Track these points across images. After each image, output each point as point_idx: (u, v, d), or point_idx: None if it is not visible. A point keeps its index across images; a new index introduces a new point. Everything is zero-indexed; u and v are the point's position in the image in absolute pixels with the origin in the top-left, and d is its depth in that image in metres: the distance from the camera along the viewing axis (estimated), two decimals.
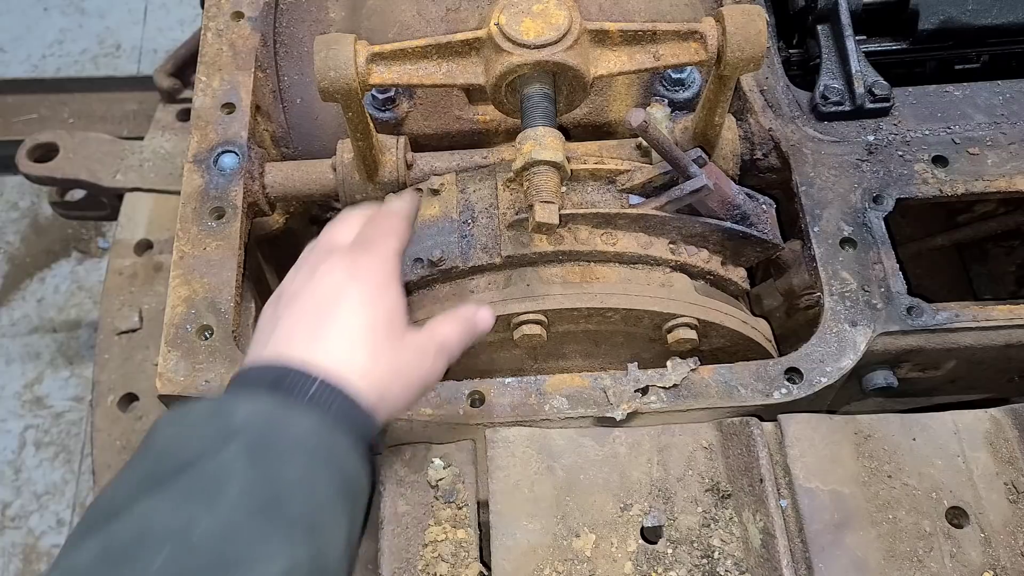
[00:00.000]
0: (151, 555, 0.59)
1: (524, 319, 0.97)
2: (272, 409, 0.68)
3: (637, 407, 0.94)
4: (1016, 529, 0.87)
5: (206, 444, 0.65)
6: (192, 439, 0.66)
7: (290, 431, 0.67)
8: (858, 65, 1.14)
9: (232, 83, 1.17)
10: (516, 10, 0.92)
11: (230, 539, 0.61)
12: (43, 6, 2.95)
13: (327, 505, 0.67)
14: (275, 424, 0.67)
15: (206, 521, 0.61)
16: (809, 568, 0.84)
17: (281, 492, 0.64)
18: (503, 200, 1.03)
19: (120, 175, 1.59)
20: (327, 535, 0.66)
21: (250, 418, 0.67)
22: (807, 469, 0.89)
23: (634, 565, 0.85)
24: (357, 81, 0.91)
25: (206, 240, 1.05)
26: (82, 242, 2.57)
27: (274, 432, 0.67)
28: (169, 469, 0.64)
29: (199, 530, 0.60)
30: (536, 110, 0.93)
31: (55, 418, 2.30)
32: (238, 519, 0.62)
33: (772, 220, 1.07)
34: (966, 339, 1.01)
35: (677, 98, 1.13)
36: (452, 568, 0.86)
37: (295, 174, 1.12)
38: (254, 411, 0.68)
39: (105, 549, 0.60)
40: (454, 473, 0.91)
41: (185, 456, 0.65)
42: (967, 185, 1.09)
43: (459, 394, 0.96)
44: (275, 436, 0.67)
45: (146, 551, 0.59)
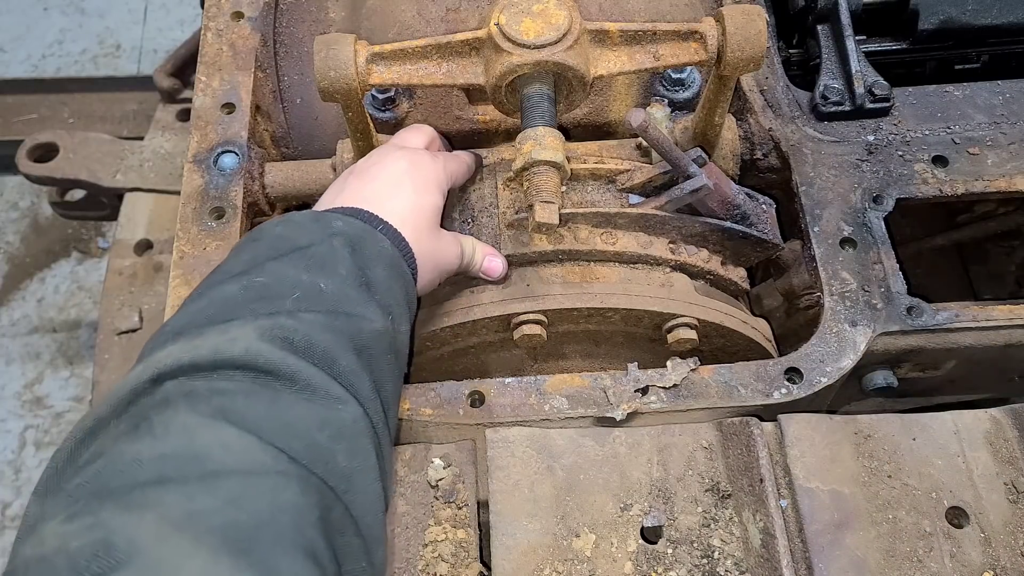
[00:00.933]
0: (287, 293, 0.73)
1: (524, 319, 0.97)
2: (360, 224, 0.83)
3: (637, 407, 0.94)
4: (1016, 529, 0.87)
5: (315, 236, 0.79)
6: (302, 232, 0.80)
7: (375, 243, 0.82)
8: (858, 65, 1.15)
9: (232, 83, 1.17)
10: (516, 10, 0.92)
11: (344, 299, 0.75)
12: (43, 6, 2.95)
13: (400, 303, 0.82)
14: (364, 235, 0.82)
15: (324, 283, 0.75)
16: (809, 568, 0.84)
17: (372, 280, 0.79)
18: (503, 200, 1.03)
19: (120, 175, 1.59)
20: (400, 326, 0.81)
21: (346, 227, 0.81)
22: (807, 469, 0.89)
23: (634, 565, 0.85)
24: (357, 81, 0.91)
25: (206, 240, 1.05)
26: (82, 242, 2.57)
27: (364, 240, 0.81)
28: (286, 248, 0.78)
29: (321, 286, 0.75)
30: (536, 110, 0.93)
31: (55, 418, 2.30)
32: (348, 288, 0.76)
33: (772, 220, 1.07)
34: (966, 339, 1.01)
35: (677, 98, 1.13)
36: (452, 568, 0.86)
37: (295, 174, 1.12)
38: (348, 223, 0.82)
39: (246, 288, 0.73)
40: (454, 473, 0.91)
41: (299, 242, 0.78)
42: (967, 185, 1.09)
43: (459, 394, 0.96)
44: (365, 243, 0.81)
45: (283, 290, 0.73)
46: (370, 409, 0.71)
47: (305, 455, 0.63)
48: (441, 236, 0.93)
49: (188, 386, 0.64)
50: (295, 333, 0.69)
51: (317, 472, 0.63)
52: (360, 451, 0.68)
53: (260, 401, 0.64)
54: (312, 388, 0.67)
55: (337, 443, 0.66)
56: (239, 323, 0.70)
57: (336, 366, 0.70)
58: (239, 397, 0.64)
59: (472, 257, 0.97)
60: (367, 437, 0.70)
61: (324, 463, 0.64)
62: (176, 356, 0.66)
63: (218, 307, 0.72)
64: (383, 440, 0.73)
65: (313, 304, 0.73)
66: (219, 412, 0.62)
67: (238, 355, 0.66)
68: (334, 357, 0.70)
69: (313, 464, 0.63)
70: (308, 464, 0.63)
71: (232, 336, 0.68)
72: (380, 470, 0.70)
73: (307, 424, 0.65)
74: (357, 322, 0.75)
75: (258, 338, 0.68)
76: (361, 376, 0.72)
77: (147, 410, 0.63)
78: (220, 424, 0.61)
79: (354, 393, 0.70)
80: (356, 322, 0.75)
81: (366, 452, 0.69)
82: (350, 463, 0.66)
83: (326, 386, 0.68)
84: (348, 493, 0.65)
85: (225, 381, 0.65)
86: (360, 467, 0.68)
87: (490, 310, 0.98)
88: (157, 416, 0.62)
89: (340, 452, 0.66)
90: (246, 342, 0.67)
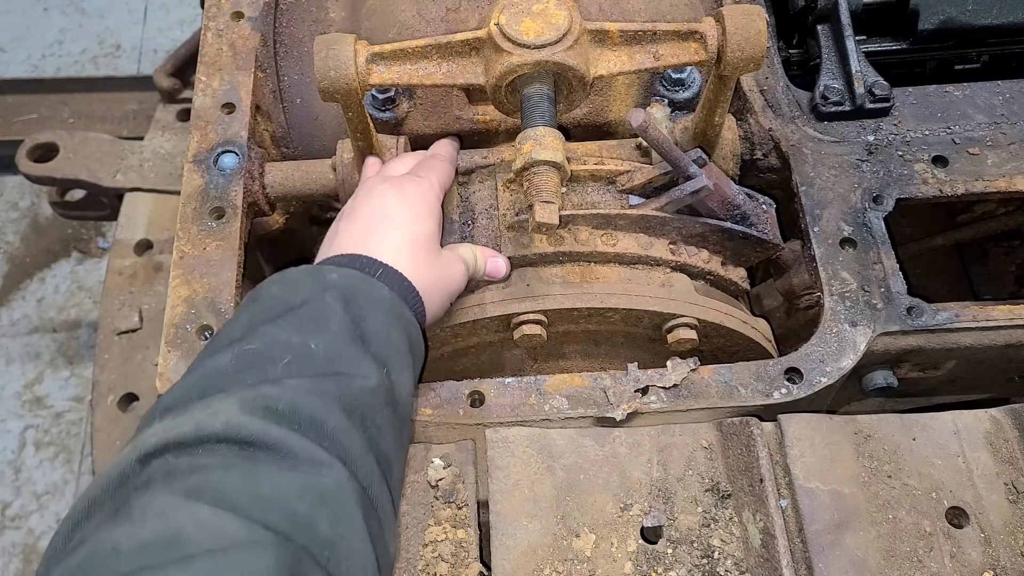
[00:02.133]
0: (278, 358, 0.73)
1: (524, 319, 0.97)
2: (358, 275, 0.83)
3: (637, 407, 0.94)
4: (1016, 529, 0.87)
5: (308, 293, 0.79)
6: (296, 290, 0.81)
7: (372, 293, 0.82)
8: (858, 65, 1.14)
9: (232, 83, 1.17)
10: (516, 10, 0.92)
11: (336, 356, 0.76)
12: (43, 6, 2.95)
13: (399, 352, 0.82)
14: (359, 286, 0.82)
15: (316, 342, 0.75)
16: (809, 568, 0.84)
17: (366, 332, 0.79)
18: (503, 201, 1.03)
19: (120, 175, 1.59)
20: (400, 374, 0.81)
21: (340, 279, 0.82)
22: (807, 469, 0.89)
23: (634, 565, 0.85)
24: (357, 81, 0.91)
25: (206, 240, 1.05)
26: (82, 242, 2.57)
27: (360, 291, 0.81)
28: (281, 309, 0.78)
29: (312, 346, 0.75)
30: (536, 110, 0.93)
31: (55, 418, 2.30)
32: (341, 345, 0.76)
33: (772, 220, 1.07)
34: (966, 339, 1.01)
35: (677, 98, 1.13)
36: (452, 568, 0.86)
37: (295, 174, 1.12)
38: (343, 274, 0.83)
39: (237, 357, 0.74)
40: (454, 473, 0.91)
41: (292, 301, 0.79)
42: (967, 185, 1.09)
43: (459, 394, 0.96)
44: (360, 294, 0.81)
45: (274, 356, 0.74)
46: (360, 469, 0.71)
47: (283, 525, 0.63)
48: (442, 258, 0.92)
49: (171, 465, 0.65)
50: (279, 401, 0.70)
51: (298, 540, 0.63)
52: (345, 516, 0.68)
53: (237, 475, 0.65)
54: (294, 456, 0.67)
55: (318, 509, 0.65)
56: (223, 396, 0.70)
57: (322, 429, 0.70)
58: (217, 472, 0.64)
59: (475, 266, 0.96)
60: (353, 499, 0.69)
61: (305, 530, 0.64)
62: (161, 435, 0.67)
63: (208, 379, 0.73)
64: (377, 498, 0.73)
65: (302, 368, 0.73)
66: (195, 491, 0.63)
67: (220, 429, 0.67)
68: (321, 420, 0.70)
69: (293, 533, 0.63)
70: (288, 533, 0.63)
71: (214, 410, 0.68)
72: (369, 531, 0.69)
73: (286, 494, 0.65)
74: (348, 380, 0.75)
75: (239, 410, 0.68)
76: (351, 435, 0.72)
77: (129, 493, 0.64)
78: (195, 504, 0.62)
79: (341, 455, 0.70)
80: (347, 381, 0.74)
81: (351, 516, 0.68)
82: (333, 529, 0.66)
83: (309, 452, 0.68)
84: (332, 560, 0.65)
85: (207, 456, 0.65)
86: (345, 532, 0.67)
87: (490, 310, 0.98)
88: (136, 500, 0.63)
89: (322, 518, 0.65)
90: (227, 415, 0.68)
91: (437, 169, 0.99)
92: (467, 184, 1.06)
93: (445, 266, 0.92)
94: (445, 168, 1.01)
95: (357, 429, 0.72)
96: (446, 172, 1.01)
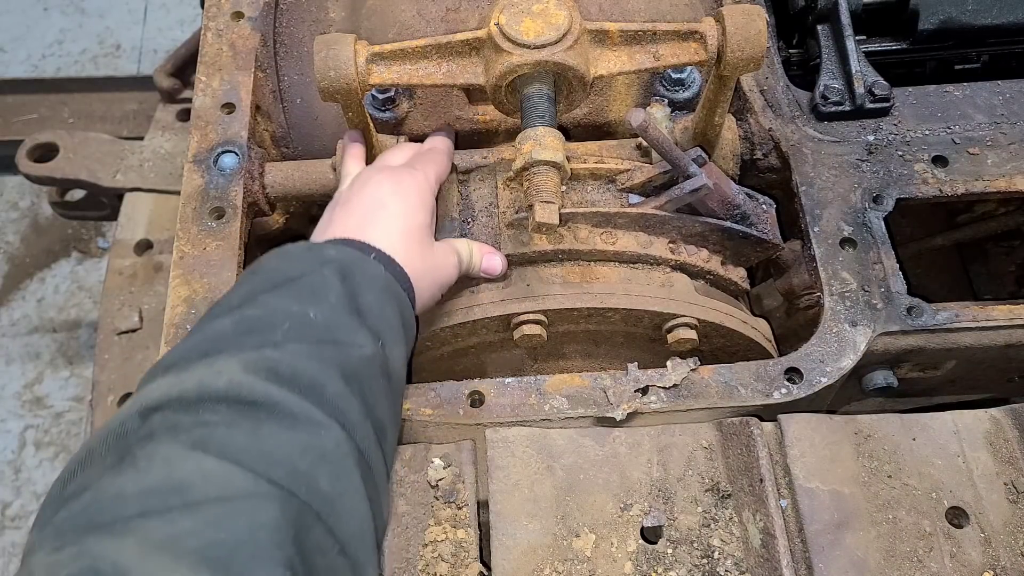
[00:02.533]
0: (279, 324, 0.75)
1: (524, 319, 0.97)
2: (354, 252, 0.85)
3: (637, 407, 0.94)
4: (1016, 529, 0.87)
5: (307, 266, 0.81)
6: (295, 263, 0.83)
7: (367, 270, 0.84)
8: (858, 65, 1.15)
9: (232, 83, 1.17)
10: (516, 10, 0.92)
11: (334, 326, 0.77)
12: (43, 6, 2.95)
13: (393, 328, 0.83)
14: (356, 262, 0.84)
15: (315, 311, 0.77)
16: (809, 568, 0.84)
17: (362, 306, 0.80)
18: (503, 199, 1.03)
19: (120, 175, 1.59)
20: (393, 348, 0.83)
21: (338, 255, 0.84)
22: (807, 469, 0.89)
23: (634, 565, 0.85)
24: (357, 81, 0.91)
25: (206, 240, 1.05)
26: (82, 242, 2.57)
27: (356, 267, 0.83)
28: (280, 280, 0.80)
29: (311, 315, 0.77)
30: (536, 110, 0.93)
31: (55, 418, 2.30)
32: (338, 315, 0.78)
33: (772, 220, 1.07)
34: (966, 339, 1.01)
35: (677, 98, 1.13)
36: (452, 568, 0.86)
37: (295, 174, 1.12)
38: (339, 251, 0.84)
39: (237, 322, 0.76)
40: (454, 473, 0.91)
41: (291, 273, 0.81)
42: (967, 185, 1.09)
43: (459, 394, 0.96)
44: (357, 270, 0.83)
45: (275, 321, 0.75)
46: (358, 433, 0.73)
47: (286, 480, 0.65)
48: (436, 250, 0.94)
49: (173, 419, 0.66)
50: (280, 363, 0.71)
51: (299, 495, 0.65)
52: (344, 474, 0.70)
53: (241, 431, 0.66)
54: (294, 416, 0.69)
55: (319, 467, 0.67)
56: (226, 356, 0.72)
57: (322, 393, 0.72)
58: (221, 428, 0.66)
59: (471, 260, 0.97)
60: (352, 460, 0.71)
61: (306, 487, 0.66)
62: (164, 390, 0.69)
63: (210, 341, 0.75)
64: (373, 462, 0.75)
65: (302, 334, 0.75)
66: (200, 443, 0.64)
67: (222, 387, 0.68)
68: (321, 384, 0.72)
69: (295, 488, 0.65)
70: (291, 488, 0.64)
71: (218, 369, 0.70)
72: (367, 492, 0.72)
73: (288, 451, 0.67)
74: (346, 349, 0.77)
75: (242, 370, 0.70)
76: (349, 401, 0.74)
77: (132, 444, 0.65)
78: (200, 455, 0.63)
79: (339, 418, 0.72)
80: (345, 349, 0.76)
81: (350, 475, 0.70)
82: (333, 486, 0.68)
83: (308, 413, 0.70)
84: (332, 515, 0.67)
85: (209, 413, 0.67)
86: (344, 490, 0.69)
87: (490, 310, 0.98)
88: (140, 450, 0.64)
89: (323, 476, 0.67)
90: (230, 374, 0.69)
91: (434, 162, 1.00)
92: (467, 183, 1.06)
93: (437, 257, 0.93)
94: (441, 161, 1.01)
95: (355, 395, 0.74)
96: (442, 165, 1.01)
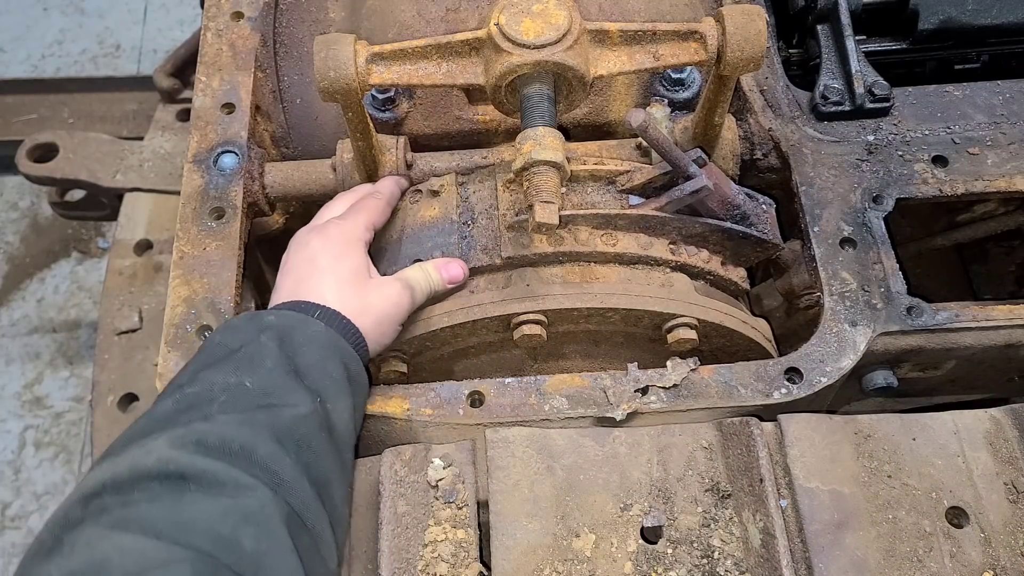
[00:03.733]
0: (216, 397, 0.80)
1: (524, 319, 0.97)
2: (294, 316, 0.90)
3: (637, 407, 0.94)
4: (1016, 529, 0.87)
5: (247, 336, 0.86)
6: (236, 335, 0.87)
7: (307, 330, 0.88)
8: (858, 65, 1.15)
9: (232, 83, 1.17)
10: (516, 10, 0.92)
11: (270, 390, 0.82)
12: (43, 6, 2.95)
13: (336, 382, 0.87)
14: (295, 325, 0.89)
15: (252, 379, 0.82)
16: (809, 568, 0.84)
17: (300, 366, 0.85)
18: (503, 201, 1.03)
19: (120, 175, 1.59)
20: (336, 404, 0.86)
21: (277, 320, 0.89)
22: (807, 469, 0.89)
23: (634, 565, 0.85)
24: (357, 81, 0.91)
25: (206, 240, 1.05)
26: (82, 242, 2.57)
27: (295, 330, 0.88)
28: (221, 355, 0.85)
29: (248, 383, 0.81)
30: (536, 110, 0.93)
31: (55, 418, 2.30)
32: (275, 378, 0.83)
33: (772, 220, 1.07)
34: (966, 339, 1.01)
35: (677, 98, 1.13)
36: (452, 568, 0.85)
37: (295, 174, 1.12)
38: (279, 316, 0.90)
39: (178, 401, 0.80)
40: (454, 473, 0.91)
41: (233, 345, 0.86)
42: (967, 185, 1.09)
43: (459, 394, 0.96)
44: (296, 332, 0.87)
45: (212, 396, 0.80)
46: (292, 490, 0.76)
47: (207, 544, 0.68)
48: (376, 288, 0.96)
49: (105, 502, 0.70)
50: (209, 435, 0.76)
51: (221, 558, 0.68)
52: (269, 533, 0.73)
53: (163, 504, 0.70)
54: (220, 482, 0.73)
55: (242, 529, 0.70)
56: (157, 435, 0.76)
57: (251, 456, 0.76)
58: (143, 505, 0.70)
59: (429, 282, 0.99)
60: (279, 519, 0.74)
61: (228, 549, 0.69)
62: (100, 476, 0.73)
63: (151, 423, 0.79)
64: (310, 516, 0.78)
65: (236, 403, 0.79)
66: (121, 522, 0.68)
67: (151, 465, 0.72)
68: (250, 448, 0.76)
69: (216, 551, 0.68)
70: (210, 551, 0.68)
71: (147, 449, 0.74)
72: (298, 547, 0.74)
73: (208, 517, 0.70)
74: (279, 410, 0.80)
75: (170, 446, 0.74)
76: (281, 460, 0.77)
77: (64, 531, 0.70)
78: (120, 534, 0.68)
79: (269, 479, 0.75)
80: (278, 411, 0.80)
81: (276, 533, 0.73)
82: (258, 546, 0.71)
83: (234, 478, 0.73)
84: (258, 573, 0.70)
85: (138, 492, 0.71)
86: (269, 548, 0.72)
87: (490, 310, 0.98)
88: (68, 535, 0.69)
89: (246, 537, 0.70)
90: (159, 452, 0.74)
91: (367, 209, 1.02)
92: (467, 184, 1.06)
93: (375, 294, 0.96)
94: (377, 208, 1.04)
95: (289, 455, 0.78)
96: (377, 211, 1.03)
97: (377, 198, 1.05)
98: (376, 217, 1.03)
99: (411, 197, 1.07)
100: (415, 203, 1.07)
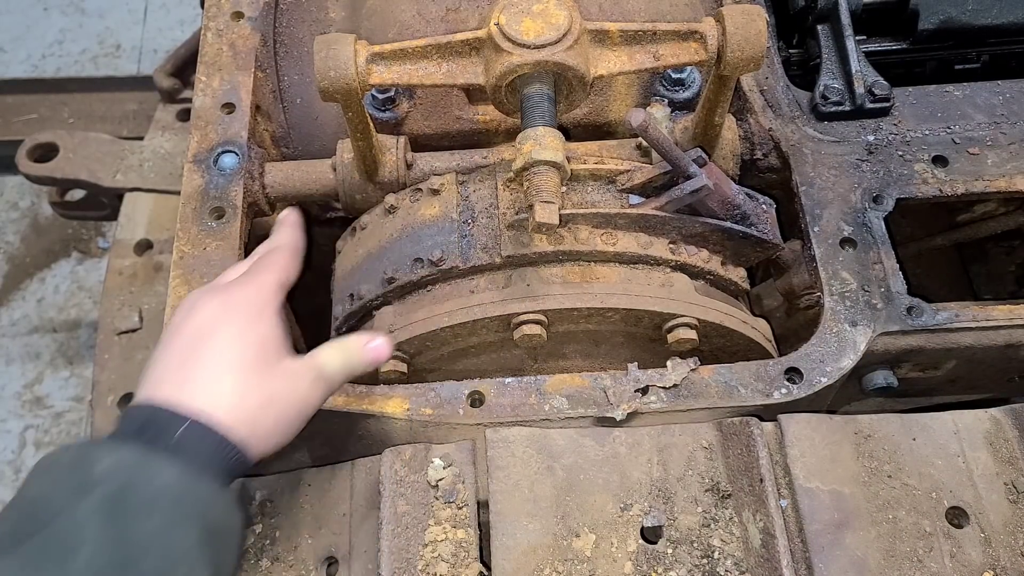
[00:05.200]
0: None
1: (524, 319, 0.97)
2: (135, 459, 0.69)
3: (637, 407, 0.94)
4: (1016, 529, 0.87)
5: (64, 501, 0.66)
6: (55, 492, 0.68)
7: (152, 483, 0.68)
8: (858, 65, 1.15)
9: (232, 83, 1.17)
10: (516, 10, 0.92)
11: None
12: (43, 6, 2.95)
13: (185, 557, 0.68)
14: (136, 476, 0.68)
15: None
16: (809, 568, 0.84)
17: (134, 550, 0.66)
18: (503, 200, 1.03)
19: (120, 175, 1.59)
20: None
21: (110, 470, 0.68)
22: (807, 469, 0.89)
23: (634, 565, 0.85)
24: (357, 81, 0.91)
25: (206, 240, 1.05)
26: (82, 242, 2.57)
27: (133, 485, 0.68)
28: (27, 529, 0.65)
29: None
30: (536, 110, 0.93)
31: (55, 418, 2.30)
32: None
33: (772, 220, 1.07)
34: (966, 339, 1.01)
35: (677, 98, 1.13)
36: (452, 568, 0.86)
37: (295, 174, 1.12)
38: (117, 461, 0.69)
39: None
40: (454, 473, 0.91)
41: (43, 515, 0.66)
42: (967, 185, 1.09)
43: (459, 394, 0.96)
44: (134, 489, 0.68)
45: None
46: None
47: None
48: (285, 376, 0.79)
49: None
50: None
51: None
52: None
53: None
54: None
55: None
56: None
57: None
58: None
59: (348, 365, 0.85)
60: None
61: None
62: None
63: None
64: None
65: None
66: None
67: None
68: None
69: None
70: None
71: None
72: None
73: None
74: None
75: None
76: None
77: None
78: None
79: None
80: None
81: None
82: None
83: None
84: None
85: None
86: None
87: (490, 310, 0.98)
88: None
89: None
90: None
91: (273, 265, 0.88)
92: (467, 183, 1.06)
93: (282, 383, 0.79)
94: (283, 262, 0.89)
95: None
96: (284, 267, 0.88)
97: (281, 251, 0.90)
98: (284, 274, 0.88)
99: (411, 196, 1.07)
100: (415, 202, 1.06)
